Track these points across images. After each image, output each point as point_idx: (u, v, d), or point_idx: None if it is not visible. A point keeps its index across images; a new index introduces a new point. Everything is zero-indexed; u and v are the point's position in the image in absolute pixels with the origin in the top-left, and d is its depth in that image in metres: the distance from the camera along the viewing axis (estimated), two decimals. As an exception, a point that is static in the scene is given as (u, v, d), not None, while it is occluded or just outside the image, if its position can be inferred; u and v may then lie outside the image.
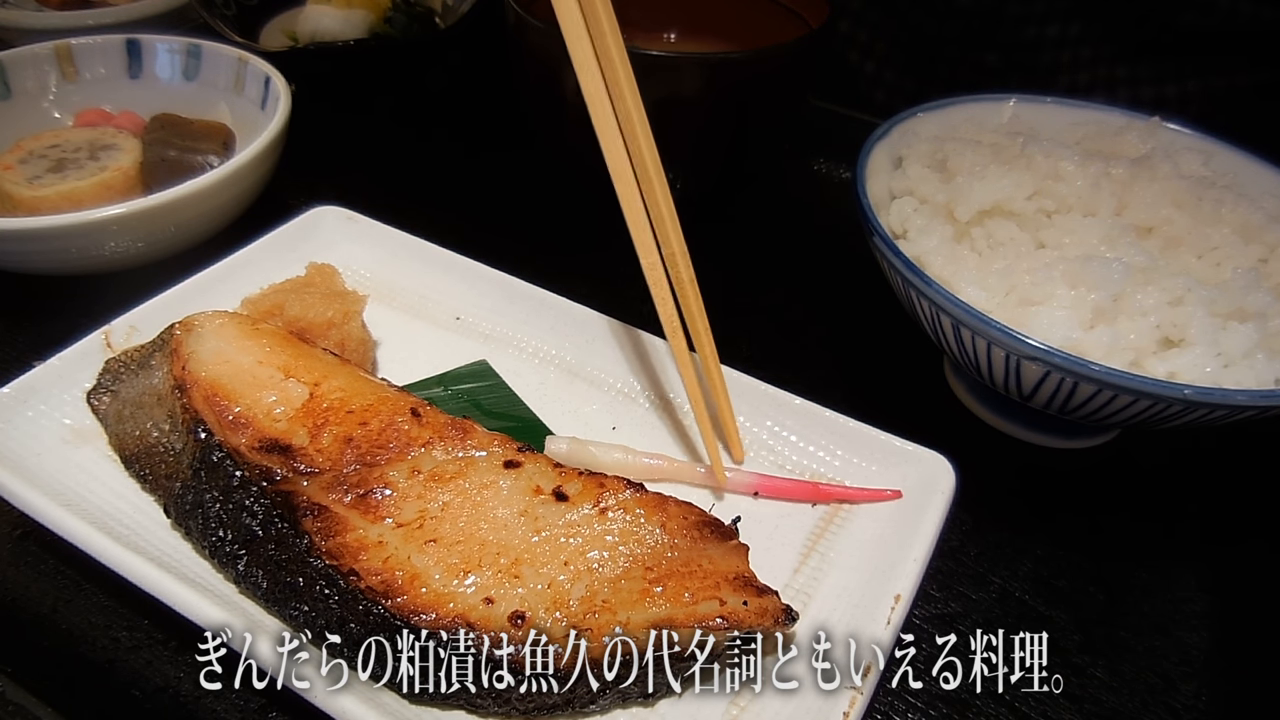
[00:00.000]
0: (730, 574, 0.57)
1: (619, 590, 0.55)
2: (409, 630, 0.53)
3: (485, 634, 0.53)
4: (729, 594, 0.55)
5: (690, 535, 0.59)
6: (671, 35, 1.12)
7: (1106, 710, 0.62)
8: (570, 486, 0.61)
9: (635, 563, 0.57)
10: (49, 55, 1.00)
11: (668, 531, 0.59)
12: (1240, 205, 0.76)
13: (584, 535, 0.58)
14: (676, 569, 0.57)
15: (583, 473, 0.62)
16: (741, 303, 0.94)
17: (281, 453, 0.60)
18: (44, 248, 0.78)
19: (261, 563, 0.57)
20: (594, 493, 0.60)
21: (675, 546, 0.58)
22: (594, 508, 0.59)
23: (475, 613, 0.54)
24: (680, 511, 0.60)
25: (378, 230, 0.86)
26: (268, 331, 0.69)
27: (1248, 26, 1.11)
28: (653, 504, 0.60)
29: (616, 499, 0.60)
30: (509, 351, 0.80)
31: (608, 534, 0.58)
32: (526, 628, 0.53)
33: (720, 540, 0.59)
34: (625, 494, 0.60)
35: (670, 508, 0.60)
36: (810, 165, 1.17)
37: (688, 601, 0.55)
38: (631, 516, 0.59)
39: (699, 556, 0.58)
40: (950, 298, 0.66)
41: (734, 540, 0.59)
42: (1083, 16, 1.16)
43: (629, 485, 0.61)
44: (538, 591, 0.55)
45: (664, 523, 0.59)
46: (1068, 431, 0.79)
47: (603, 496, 0.60)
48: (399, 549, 0.56)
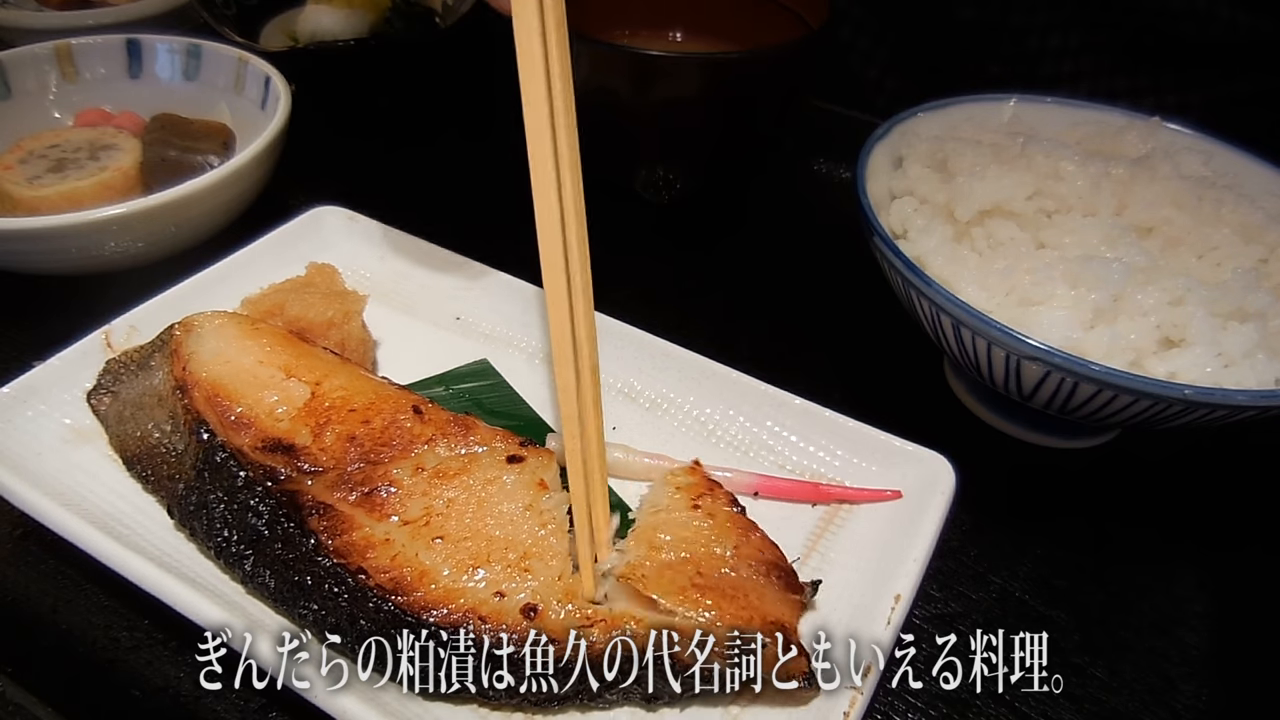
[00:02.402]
0: (770, 616, 0.55)
1: (663, 575, 0.56)
2: (421, 626, 0.53)
3: (498, 628, 0.53)
4: (760, 631, 0.55)
5: (757, 569, 0.58)
6: (677, 35, 1.12)
7: (1106, 710, 0.62)
8: (683, 478, 0.63)
9: (690, 562, 0.57)
10: (49, 55, 1.00)
11: (737, 554, 0.59)
12: (1240, 205, 0.76)
13: (661, 519, 0.59)
14: (724, 587, 0.56)
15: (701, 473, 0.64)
16: (741, 302, 0.94)
17: (285, 452, 0.61)
18: (44, 248, 0.78)
19: (269, 562, 0.57)
20: (699, 489, 0.61)
21: (736, 569, 0.58)
22: (689, 501, 0.60)
23: (486, 607, 0.54)
24: (760, 545, 0.60)
25: (378, 230, 0.86)
26: (267, 331, 0.69)
27: (1247, 37, 1.11)
28: (740, 526, 0.60)
29: (712, 503, 0.61)
30: (509, 351, 0.80)
31: (684, 526, 0.59)
32: (540, 619, 0.54)
33: (783, 588, 0.58)
34: (724, 505, 0.61)
35: (753, 537, 0.60)
36: (810, 165, 1.17)
37: (712, 619, 0.54)
38: (713, 524, 0.60)
39: (753, 590, 0.57)
40: (950, 298, 0.66)
41: (797, 595, 0.58)
42: (1084, 27, 1.16)
43: (733, 501, 0.62)
44: (550, 584, 0.55)
45: (738, 545, 0.59)
46: (1068, 431, 0.79)
47: (703, 497, 0.61)
48: (406, 546, 0.56)
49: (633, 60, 0.87)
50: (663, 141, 0.97)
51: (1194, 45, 1.13)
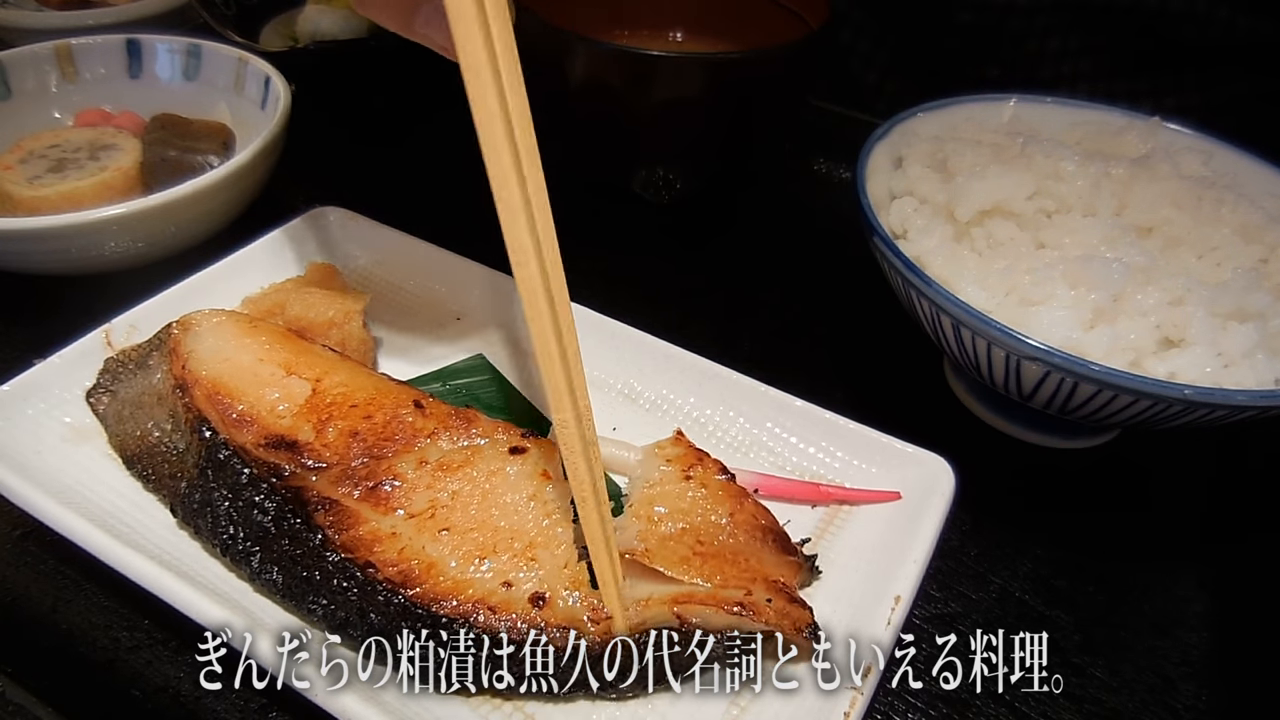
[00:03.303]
0: (771, 576, 0.57)
1: (665, 547, 0.57)
2: (431, 618, 0.53)
3: (508, 617, 0.54)
4: (760, 591, 0.56)
5: (753, 534, 0.60)
6: (677, 35, 1.12)
7: (1106, 710, 0.62)
8: (670, 450, 0.64)
9: (689, 533, 0.59)
10: (49, 55, 0.99)
11: (734, 521, 0.60)
12: (1240, 205, 0.76)
13: (656, 492, 0.60)
14: (725, 554, 0.58)
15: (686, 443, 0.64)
16: (741, 303, 0.94)
17: (288, 449, 0.61)
18: (44, 248, 0.78)
19: (276, 559, 0.57)
20: (689, 460, 0.62)
21: (734, 535, 0.59)
22: (681, 473, 0.61)
23: (495, 597, 0.54)
24: (754, 510, 0.61)
25: (378, 230, 0.86)
26: (266, 329, 0.69)
27: (1245, 40, 1.11)
28: (733, 494, 0.61)
29: (703, 473, 0.62)
30: (509, 351, 0.80)
31: (679, 498, 0.60)
32: (548, 608, 0.54)
33: (779, 550, 0.60)
34: (715, 475, 0.62)
35: (746, 504, 0.61)
36: (810, 165, 1.17)
37: (718, 583, 0.56)
38: (707, 493, 0.61)
39: (752, 555, 0.58)
40: (950, 298, 0.66)
41: (793, 556, 0.60)
42: (1083, 30, 1.16)
43: (723, 470, 0.63)
44: (556, 572, 0.56)
45: (733, 512, 0.60)
46: (1068, 431, 0.79)
47: (694, 467, 0.62)
48: (413, 539, 0.57)
49: (633, 60, 0.87)
50: (662, 142, 0.97)
51: (1193, 48, 1.14)
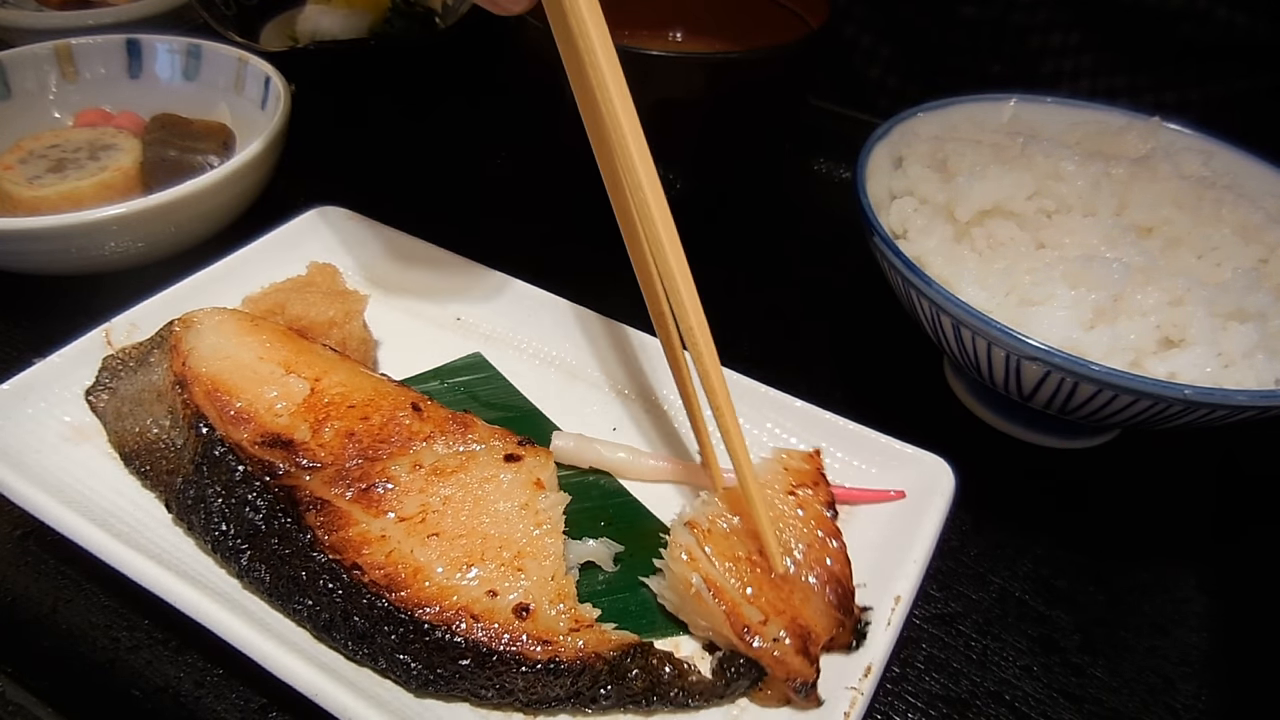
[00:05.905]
0: (802, 620, 0.55)
1: (725, 539, 0.57)
2: (412, 624, 0.53)
3: (489, 627, 0.53)
4: (776, 625, 0.55)
5: (815, 573, 0.58)
6: (678, 34, 1.12)
7: (1106, 710, 0.62)
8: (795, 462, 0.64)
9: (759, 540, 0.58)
10: (49, 55, 1.00)
11: (805, 552, 0.59)
12: (1240, 205, 0.76)
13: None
14: (776, 579, 0.57)
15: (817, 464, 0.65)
16: (741, 302, 0.94)
17: (284, 447, 0.61)
18: (44, 248, 0.78)
19: (264, 557, 0.57)
20: (805, 478, 0.63)
21: (796, 565, 0.58)
22: (791, 484, 0.62)
23: (479, 605, 0.54)
24: (831, 554, 0.60)
25: (378, 230, 0.86)
26: (267, 327, 0.69)
27: (1244, 39, 1.11)
28: (822, 528, 0.61)
29: (810, 496, 0.62)
30: (509, 352, 0.80)
31: (772, 505, 0.60)
32: (531, 620, 0.54)
33: (831, 602, 0.57)
34: (819, 503, 0.62)
35: (829, 545, 0.60)
36: (810, 165, 1.17)
37: (747, 597, 0.55)
38: (801, 516, 0.61)
39: (799, 591, 0.57)
40: (950, 298, 0.66)
41: (841, 614, 0.57)
42: (1084, 26, 1.17)
43: (831, 505, 0.62)
44: (542, 584, 0.55)
45: (810, 545, 0.60)
46: (1068, 431, 0.79)
47: (804, 487, 0.62)
48: (401, 543, 0.56)
49: (633, 60, 0.87)
50: (662, 142, 0.96)
51: (1192, 45, 1.14)
